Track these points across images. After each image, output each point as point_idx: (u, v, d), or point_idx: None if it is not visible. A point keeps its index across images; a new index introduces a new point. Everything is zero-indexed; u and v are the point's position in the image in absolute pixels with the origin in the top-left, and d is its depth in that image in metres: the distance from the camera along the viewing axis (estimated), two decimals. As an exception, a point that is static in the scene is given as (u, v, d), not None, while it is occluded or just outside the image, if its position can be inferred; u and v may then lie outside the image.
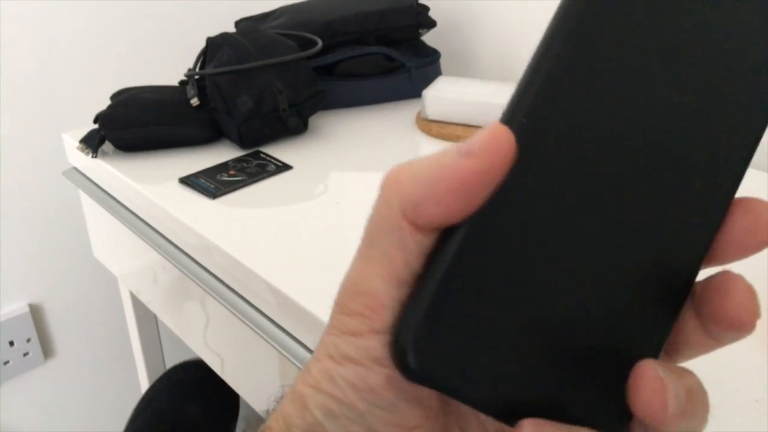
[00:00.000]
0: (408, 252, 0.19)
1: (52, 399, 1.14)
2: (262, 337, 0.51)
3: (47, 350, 1.10)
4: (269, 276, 0.49)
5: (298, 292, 0.47)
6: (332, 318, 0.21)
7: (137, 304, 0.92)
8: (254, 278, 0.51)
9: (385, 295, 0.19)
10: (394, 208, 0.19)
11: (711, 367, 0.41)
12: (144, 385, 1.00)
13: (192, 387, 0.87)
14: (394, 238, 0.19)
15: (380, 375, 0.19)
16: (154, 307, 0.78)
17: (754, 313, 0.19)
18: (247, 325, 0.53)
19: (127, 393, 1.15)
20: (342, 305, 0.20)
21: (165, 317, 0.76)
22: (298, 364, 0.48)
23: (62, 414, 1.16)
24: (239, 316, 0.53)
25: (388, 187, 0.20)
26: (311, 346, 0.48)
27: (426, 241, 0.19)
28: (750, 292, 0.19)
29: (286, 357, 0.49)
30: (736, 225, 0.20)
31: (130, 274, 0.80)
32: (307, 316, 0.46)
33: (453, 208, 0.19)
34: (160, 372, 0.95)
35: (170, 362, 0.95)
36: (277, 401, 0.24)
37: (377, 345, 0.19)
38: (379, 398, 0.19)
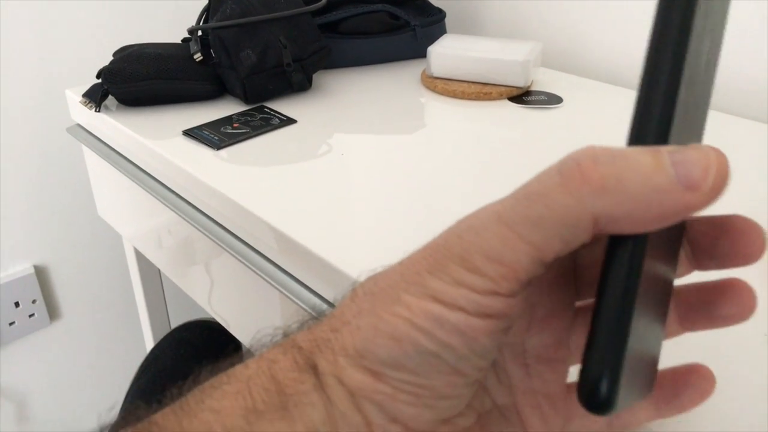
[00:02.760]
0: (570, 246, 0.20)
1: (58, 360, 1.15)
2: (267, 281, 0.51)
3: (53, 312, 1.11)
4: (273, 220, 0.49)
5: (303, 236, 0.47)
6: (446, 266, 0.21)
7: (142, 263, 0.92)
8: (258, 223, 0.51)
9: (524, 272, 0.20)
10: (587, 209, 0.19)
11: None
12: (149, 345, 1.00)
13: (197, 346, 0.87)
14: (567, 231, 0.19)
15: (486, 327, 0.21)
16: (160, 263, 0.78)
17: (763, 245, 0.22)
18: (253, 271, 0.53)
19: (133, 353, 1.16)
20: (468, 260, 0.20)
21: (170, 273, 0.76)
22: (304, 307, 0.48)
23: (68, 375, 1.18)
24: (245, 263, 0.54)
25: (586, 184, 0.19)
26: (317, 290, 0.48)
27: (589, 241, 0.20)
28: (754, 225, 0.22)
29: (291, 299, 0.49)
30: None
31: (134, 230, 0.80)
32: (312, 258, 0.46)
33: (642, 230, 0.19)
34: (165, 332, 0.95)
35: (175, 322, 0.96)
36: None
37: (493, 303, 0.20)
38: (478, 345, 0.21)
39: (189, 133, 0.64)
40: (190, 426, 0.21)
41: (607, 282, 0.20)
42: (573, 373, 0.26)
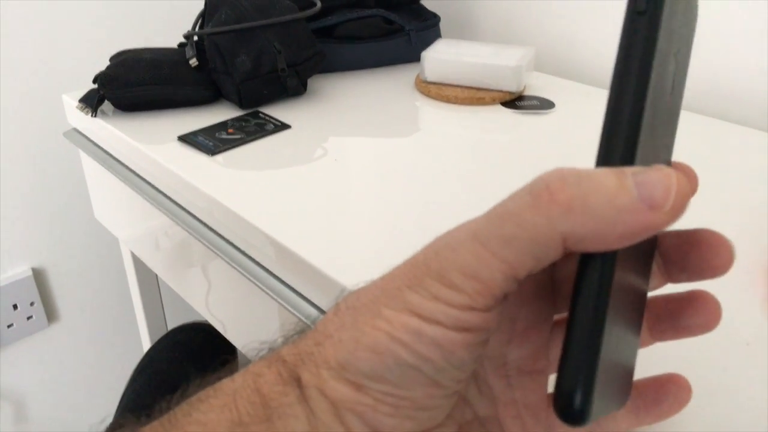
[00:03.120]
0: (541, 263, 0.21)
1: (56, 361, 1.16)
2: (262, 290, 0.52)
3: (51, 314, 1.11)
4: (267, 228, 0.50)
5: (297, 243, 0.48)
6: (424, 281, 0.22)
7: (139, 266, 0.93)
8: (253, 230, 0.51)
9: (499, 289, 0.21)
10: (556, 228, 0.20)
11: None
12: (146, 346, 1.01)
13: (192, 349, 0.88)
14: (538, 249, 0.20)
15: (463, 340, 0.21)
16: (156, 267, 0.79)
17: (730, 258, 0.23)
18: (249, 279, 0.54)
19: (130, 356, 1.16)
20: (445, 276, 0.21)
21: (167, 277, 0.77)
22: (299, 316, 0.49)
23: (66, 376, 1.18)
24: (240, 270, 0.54)
25: (554, 204, 0.20)
26: (312, 299, 0.49)
27: (560, 258, 0.21)
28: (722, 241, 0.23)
29: (286, 308, 0.50)
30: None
31: (131, 234, 0.81)
32: (306, 267, 0.47)
33: (609, 248, 0.20)
34: (162, 334, 0.96)
35: (172, 324, 0.97)
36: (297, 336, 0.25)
37: (470, 318, 0.21)
38: (456, 357, 0.22)
39: (184, 139, 0.65)
40: None
41: (579, 297, 0.21)
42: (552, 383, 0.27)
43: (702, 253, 0.23)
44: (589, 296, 0.20)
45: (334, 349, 0.23)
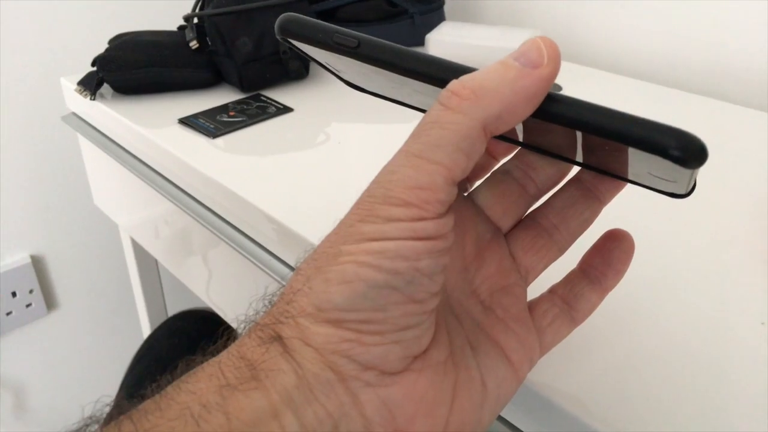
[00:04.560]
0: (472, 158, 0.23)
1: (55, 349, 1.15)
2: (264, 271, 0.51)
3: (50, 302, 1.10)
4: (270, 210, 0.49)
5: (299, 224, 0.47)
6: (373, 210, 0.23)
7: (138, 252, 0.92)
8: (255, 212, 0.50)
9: (443, 192, 0.22)
10: (475, 118, 0.22)
11: (719, 290, 0.41)
12: (146, 334, 1.00)
13: (192, 336, 0.87)
14: (465, 144, 0.22)
15: (425, 247, 0.22)
16: (157, 252, 0.78)
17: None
18: (251, 261, 0.53)
19: (130, 343, 1.16)
20: (391, 197, 0.23)
21: (167, 262, 0.76)
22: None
23: (65, 364, 1.18)
24: (243, 253, 0.53)
25: (464, 99, 0.23)
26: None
27: (484, 148, 0.23)
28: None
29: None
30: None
31: (131, 220, 0.80)
32: (309, 247, 0.46)
33: (523, 116, 0.23)
34: (162, 321, 0.95)
35: (172, 311, 0.96)
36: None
37: (425, 227, 0.22)
38: (423, 265, 0.22)
39: (185, 122, 0.64)
40: (168, 408, 0.22)
41: (590, 123, 0.22)
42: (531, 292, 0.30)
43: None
44: (592, 109, 0.22)
45: (307, 297, 0.23)
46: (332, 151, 0.58)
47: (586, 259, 0.30)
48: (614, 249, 0.29)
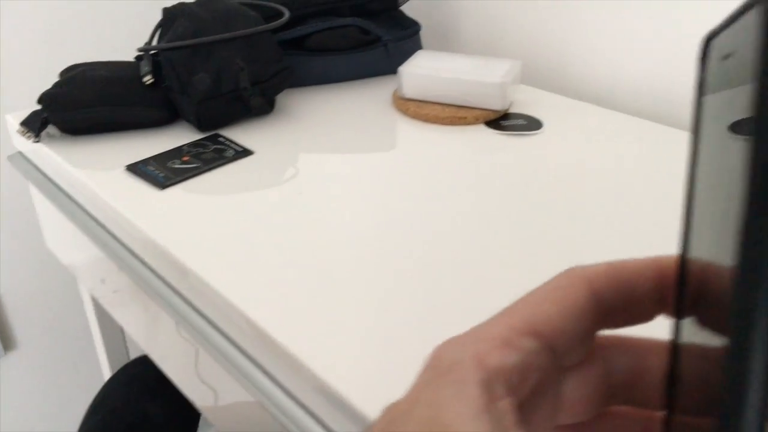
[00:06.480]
0: None
1: (13, 391, 1.09)
2: (212, 347, 0.46)
3: (7, 342, 1.04)
4: (215, 282, 0.44)
5: (249, 303, 0.42)
6: None
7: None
8: (200, 283, 0.45)
9: None
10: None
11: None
12: (107, 374, 0.95)
13: (150, 384, 0.81)
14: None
15: None
16: (106, 303, 0.72)
17: None
18: (195, 330, 0.47)
19: (91, 385, 1.10)
20: None
21: (115, 314, 0.70)
22: (258, 373, 0.43)
23: (24, 406, 1.12)
24: (187, 324, 0.48)
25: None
26: (257, 357, 0.43)
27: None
28: None
29: (236, 371, 0.44)
30: None
31: (79, 267, 0.74)
32: (258, 331, 0.41)
33: None
34: (123, 361, 0.89)
35: (135, 353, 0.90)
36: None
37: None
38: None
39: (132, 169, 0.58)
40: None
41: None
42: None
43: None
44: None
45: None
46: (293, 202, 0.53)
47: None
48: None
